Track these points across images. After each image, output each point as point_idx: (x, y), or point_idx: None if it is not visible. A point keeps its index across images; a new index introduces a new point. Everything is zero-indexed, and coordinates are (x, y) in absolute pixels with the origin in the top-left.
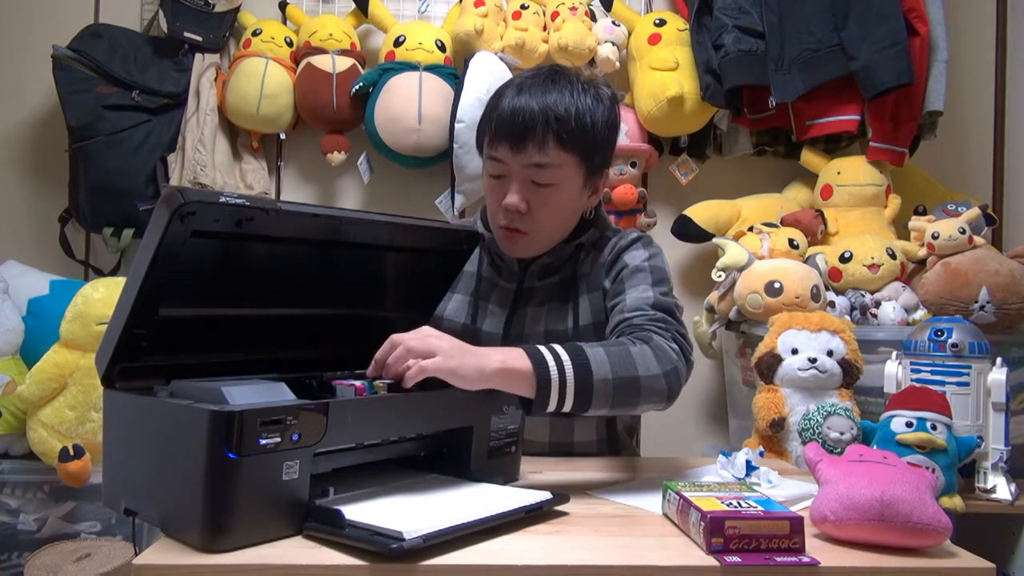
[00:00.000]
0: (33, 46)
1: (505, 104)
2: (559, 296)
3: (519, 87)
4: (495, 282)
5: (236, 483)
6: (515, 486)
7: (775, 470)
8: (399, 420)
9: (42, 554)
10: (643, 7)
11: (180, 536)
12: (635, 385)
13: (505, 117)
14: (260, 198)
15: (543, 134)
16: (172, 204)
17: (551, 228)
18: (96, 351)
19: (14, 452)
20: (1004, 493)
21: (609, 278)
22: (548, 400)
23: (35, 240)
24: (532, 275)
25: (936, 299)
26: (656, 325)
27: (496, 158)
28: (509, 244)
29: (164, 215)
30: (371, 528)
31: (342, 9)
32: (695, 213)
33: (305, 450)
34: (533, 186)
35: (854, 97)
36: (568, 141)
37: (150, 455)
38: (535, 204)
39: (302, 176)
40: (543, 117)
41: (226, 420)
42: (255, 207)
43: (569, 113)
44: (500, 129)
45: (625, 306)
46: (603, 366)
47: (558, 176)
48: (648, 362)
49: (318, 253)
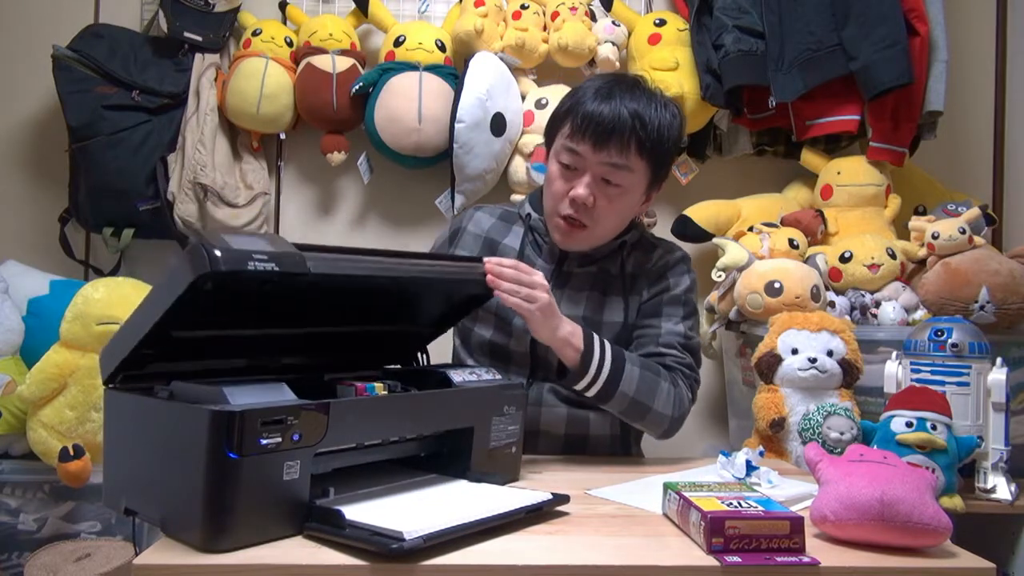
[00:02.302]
0: (33, 46)
1: (593, 104)
2: (600, 287)
3: (607, 91)
4: (533, 261)
5: (237, 483)
6: (515, 486)
7: (775, 470)
8: (400, 420)
9: (42, 554)
10: (643, 7)
11: (180, 536)
12: (645, 411)
13: (593, 115)
14: (290, 257)
15: (628, 138)
16: (197, 268)
17: (609, 226)
18: (99, 352)
19: (14, 452)
20: (1004, 493)
21: (649, 289)
22: (579, 381)
23: (35, 240)
24: (572, 260)
25: (936, 299)
26: (683, 371)
27: (574, 150)
28: (565, 235)
29: (187, 274)
30: (371, 528)
31: (342, 9)
32: (695, 213)
33: (306, 450)
34: (603, 184)
35: (854, 97)
36: (646, 149)
37: (151, 455)
38: (601, 201)
39: (302, 176)
40: (631, 122)
41: (227, 420)
42: (285, 272)
43: (653, 124)
44: (586, 125)
45: (660, 338)
46: (631, 384)
47: (628, 179)
48: (665, 401)
49: (335, 290)
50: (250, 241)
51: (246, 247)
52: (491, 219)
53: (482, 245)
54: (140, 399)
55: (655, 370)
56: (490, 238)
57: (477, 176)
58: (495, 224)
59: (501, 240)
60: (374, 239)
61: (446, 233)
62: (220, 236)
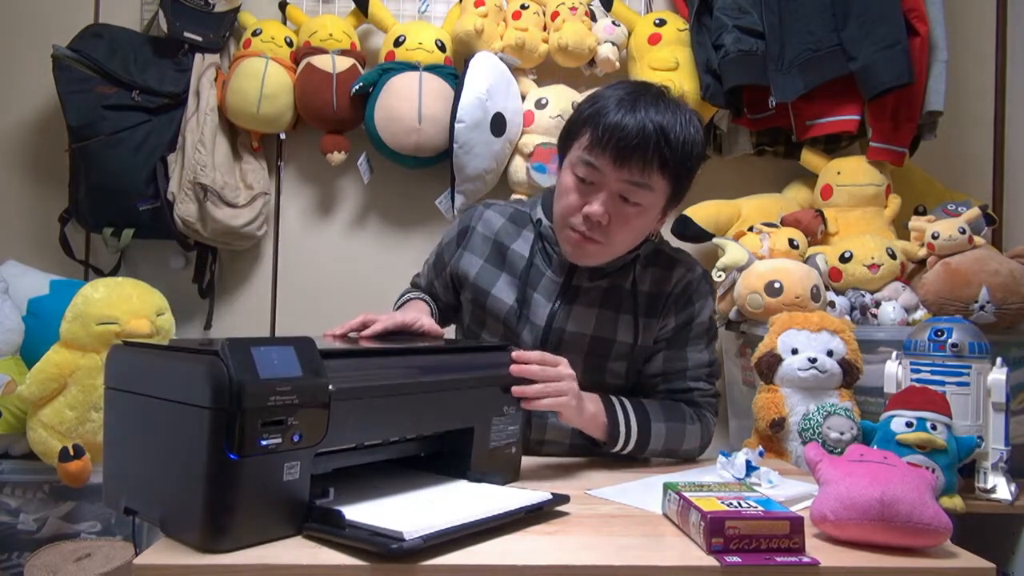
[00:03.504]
0: (33, 46)
1: (617, 115)
2: (611, 304)
3: (631, 102)
4: (543, 271)
5: (237, 484)
6: (515, 486)
7: (775, 470)
8: (400, 421)
9: (42, 554)
10: (643, 7)
11: (180, 536)
12: (675, 452)
13: (616, 128)
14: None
15: (651, 156)
16: (219, 400)
17: (622, 244)
18: (99, 352)
19: (14, 452)
20: (1004, 493)
21: (676, 316)
22: (610, 448)
23: (35, 240)
24: (582, 274)
25: (936, 299)
26: (709, 404)
27: (592, 164)
28: (576, 249)
29: (204, 400)
30: (371, 528)
31: (342, 9)
32: (695, 213)
33: (306, 451)
34: (620, 201)
35: (854, 97)
36: (669, 168)
37: (151, 455)
38: (616, 219)
39: (302, 176)
40: (656, 139)
41: (227, 420)
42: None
43: (678, 140)
44: (607, 138)
45: (688, 371)
46: (659, 440)
47: (648, 198)
48: (693, 439)
49: None
50: (274, 367)
51: (271, 375)
52: (501, 219)
53: (491, 249)
54: (141, 399)
55: (680, 416)
56: (499, 241)
57: (477, 176)
58: (504, 226)
59: (510, 245)
60: (374, 239)
61: (454, 231)
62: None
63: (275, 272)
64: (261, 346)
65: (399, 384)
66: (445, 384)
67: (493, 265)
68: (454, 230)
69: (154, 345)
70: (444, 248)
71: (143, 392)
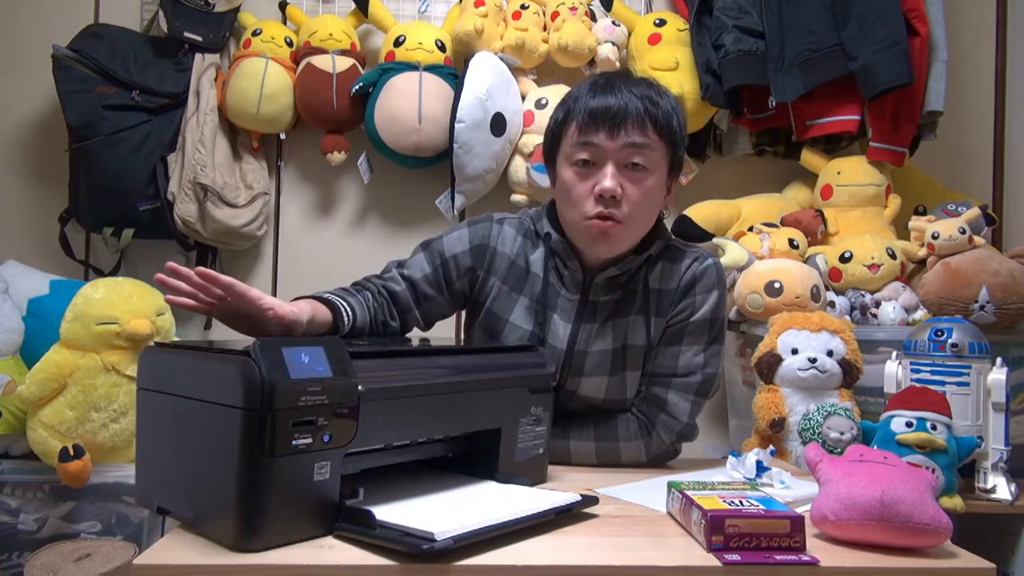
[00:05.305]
0: (33, 46)
1: (593, 98)
2: (622, 311)
3: (605, 83)
4: (558, 291)
5: (268, 483)
6: (543, 488)
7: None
8: (429, 422)
9: (42, 554)
10: (643, 7)
11: (213, 535)
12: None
13: (598, 106)
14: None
15: (643, 116)
16: (251, 401)
17: (640, 218)
18: (99, 351)
19: (14, 452)
20: (1004, 493)
21: (674, 306)
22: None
23: (35, 240)
24: (598, 288)
25: (936, 299)
26: (669, 428)
27: (590, 143)
28: (599, 238)
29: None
30: (402, 529)
31: (342, 9)
32: (695, 213)
33: (336, 451)
34: (628, 170)
35: (854, 97)
36: (662, 127)
37: (183, 455)
38: (628, 189)
39: (302, 176)
40: (641, 103)
41: (259, 420)
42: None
43: (663, 103)
44: (594, 117)
45: (673, 378)
46: (590, 457)
47: (652, 159)
48: (632, 454)
49: None
50: (305, 368)
51: (302, 376)
52: (516, 235)
53: (511, 270)
54: (172, 399)
55: (612, 436)
56: (519, 265)
57: (477, 176)
58: (520, 244)
59: (528, 264)
60: (374, 239)
61: (466, 244)
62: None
63: (275, 272)
64: (291, 346)
65: (428, 384)
66: (473, 385)
67: (512, 288)
68: (465, 242)
69: (186, 346)
70: (450, 260)
71: (175, 392)
